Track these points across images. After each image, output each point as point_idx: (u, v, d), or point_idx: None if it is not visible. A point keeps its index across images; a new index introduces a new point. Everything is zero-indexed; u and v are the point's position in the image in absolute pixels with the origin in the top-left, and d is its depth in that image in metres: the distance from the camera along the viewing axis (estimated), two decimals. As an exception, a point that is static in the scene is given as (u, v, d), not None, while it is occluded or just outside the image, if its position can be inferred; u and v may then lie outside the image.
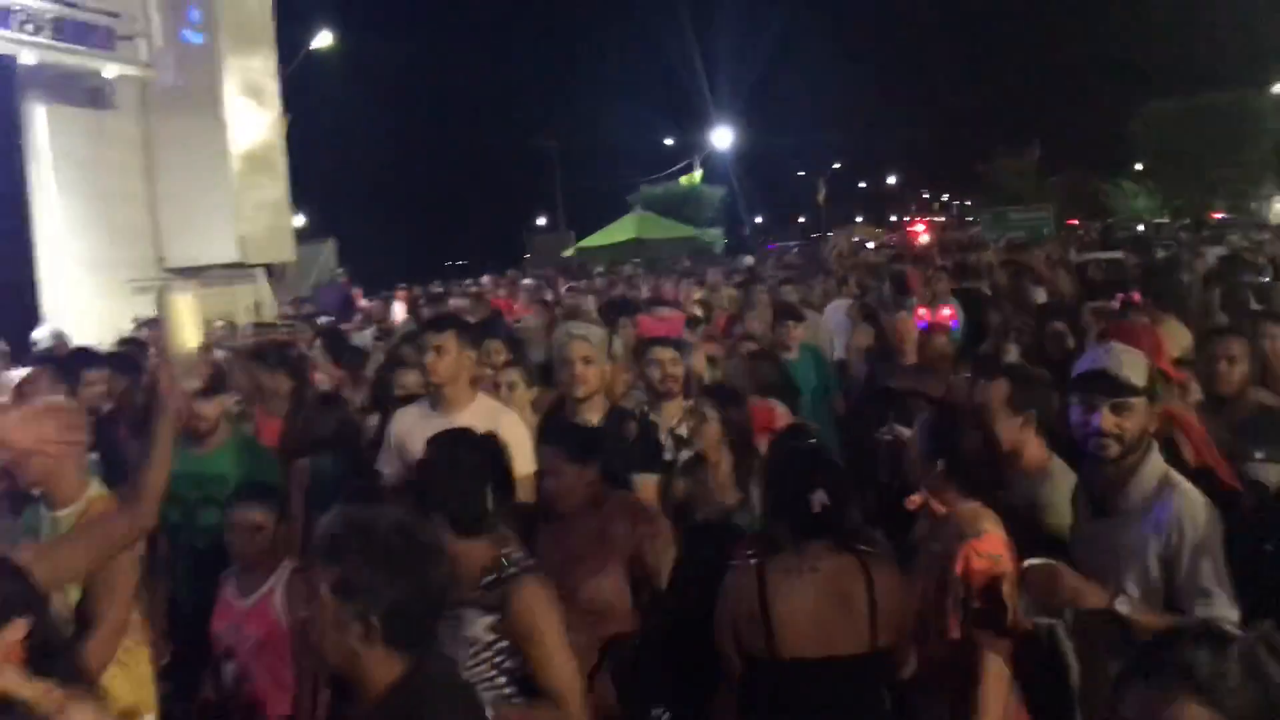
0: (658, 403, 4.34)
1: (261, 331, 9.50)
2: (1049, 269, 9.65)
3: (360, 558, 1.83)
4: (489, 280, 17.61)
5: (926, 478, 2.85)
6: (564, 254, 26.18)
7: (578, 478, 3.22)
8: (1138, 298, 6.00)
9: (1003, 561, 2.61)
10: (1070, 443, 2.91)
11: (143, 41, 11.99)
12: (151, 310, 9.28)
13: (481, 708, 2.02)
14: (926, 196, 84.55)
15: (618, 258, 23.32)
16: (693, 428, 3.90)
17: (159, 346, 3.20)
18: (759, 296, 8.63)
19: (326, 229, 25.70)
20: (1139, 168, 41.49)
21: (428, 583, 1.89)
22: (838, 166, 63.92)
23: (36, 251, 11.87)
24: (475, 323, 7.38)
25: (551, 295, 12.60)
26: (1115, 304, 6.05)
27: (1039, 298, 7.98)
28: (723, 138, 42.27)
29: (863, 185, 79.42)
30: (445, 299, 12.63)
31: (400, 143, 58.26)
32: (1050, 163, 46.78)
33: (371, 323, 10.25)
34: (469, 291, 13.86)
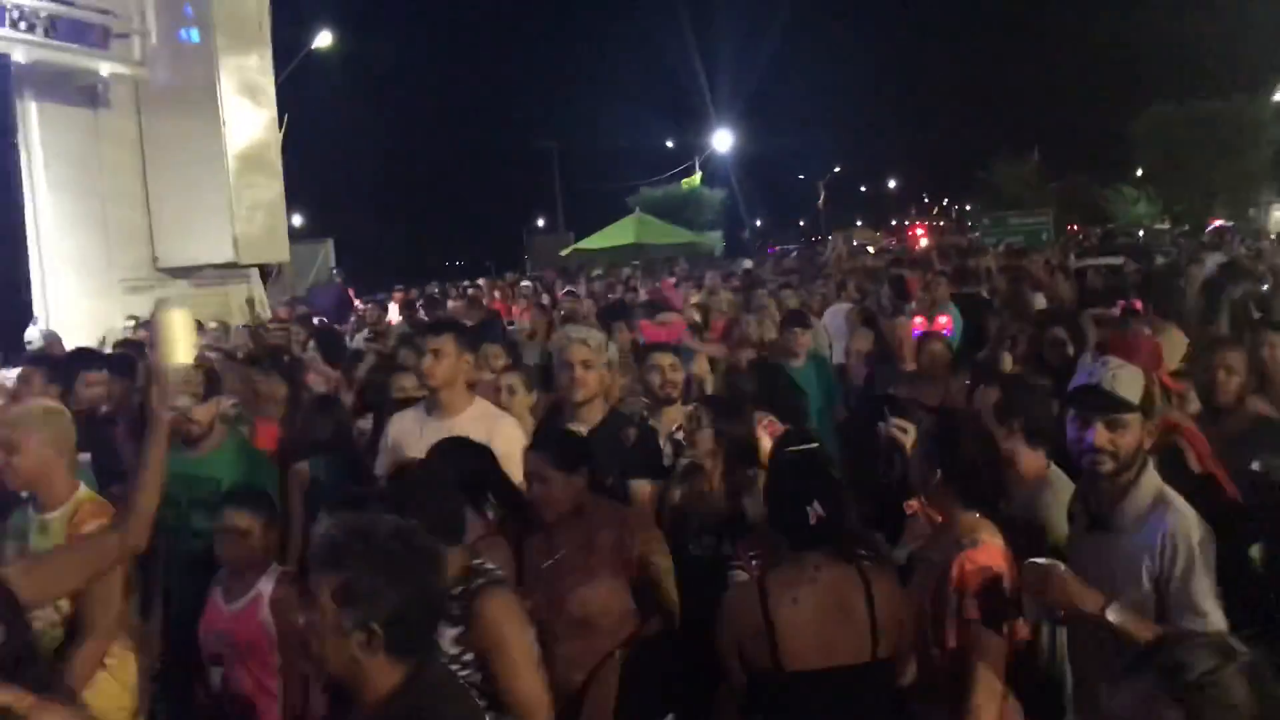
0: (658, 408, 4.35)
1: (255, 335, 9.45)
2: (1048, 275, 9.63)
3: (362, 564, 1.83)
4: (485, 283, 17.56)
5: (925, 486, 2.86)
6: (561, 254, 26.14)
7: (565, 485, 3.17)
8: (1139, 305, 5.97)
9: (1000, 571, 2.61)
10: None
11: (138, 40, 11.93)
12: (144, 310, 9.26)
13: (480, 715, 2.00)
14: (926, 201, 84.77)
15: (616, 260, 23.29)
16: (688, 435, 3.87)
17: (152, 361, 3.20)
18: (761, 300, 8.60)
19: (325, 229, 25.70)
20: (1139, 173, 41.54)
21: (428, 589, 1.90)
22: (838, 170, 63.98)
23: (29, 250, 11.80)
24: (473, 326, 7.38)
25: (548, 299, 12.56)
26: (1116, 311, 6.03)
27: (1038, 303, 7.96)
28: (723, 140, 42.29)
29: (863, 189, 79.62)
30: (443, 302, 12.59)
31: (400, 143, 58.34)
32: (1050, 168, 46.89)
33: (365, 325, 10.19)
34: (465, 294, 13.80)
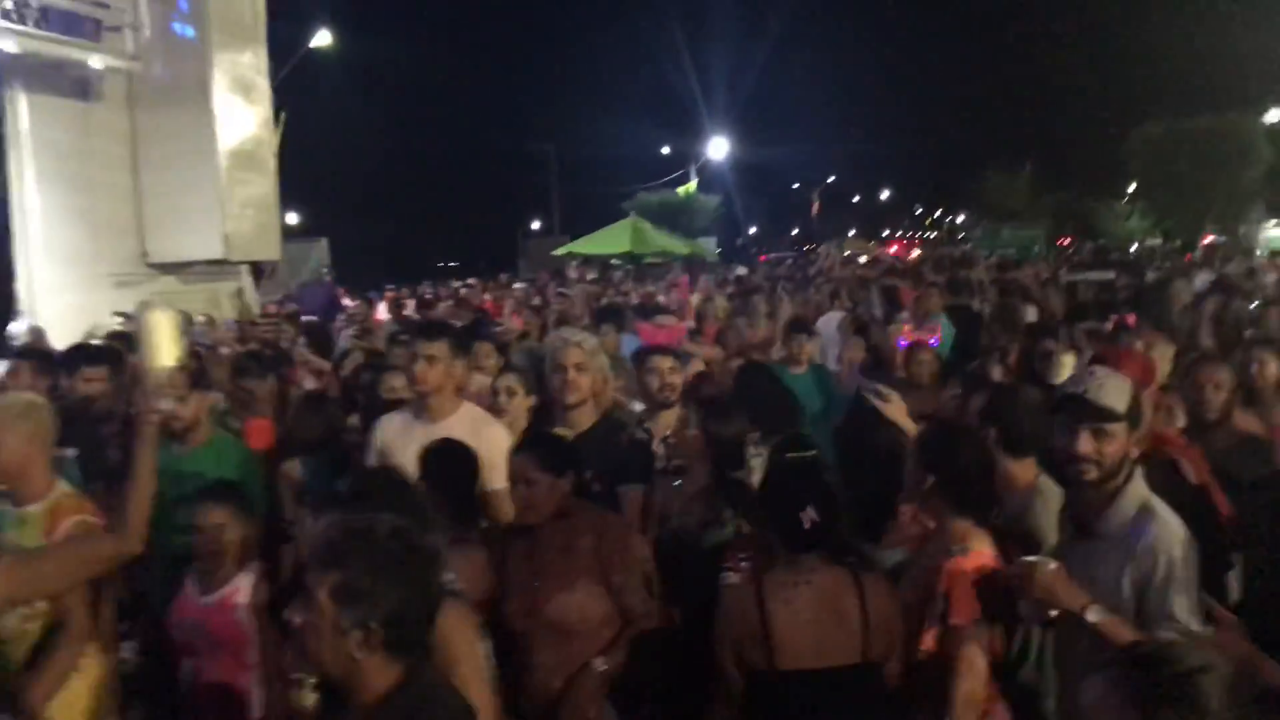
0: (654, 411, 4.34)
1: (243, 328, 9.40)
2: (1039, 287, 9.65)
3: (361, 564, 1.83)
4: (476, 283, 17.51)
5: (917, 492, 2.90)
6: (554, 253, 26.08)
7: (550, 488, 3.14)
8: (1132, 320, 5.98)
9: (989, 578, 2.65)
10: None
11: (130, 33, 11.80)
12: (132, 305, 9.17)
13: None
14: (920, 212, 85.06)
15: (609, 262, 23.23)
16: (677, 435, 3.85)
17: (136, 364, 3.20)
18: (758, 306, 8.59)
19: (320, 228, 25.61)
20: (1131, 189, 41.75)
21: (426, 588, 1.91)
22: (832, 180, 64.17)
23: (14, 243, 11.67)
24: (461, 327, 7.33)
25: (540, 300, 12.53)
26: (1108, 326, 6.04)
27: (1029, 316, 7.96)
28: (718, 148, 42.36)
29: (856, 199, 79.70)
30: (434, 304, 12.54)
31: (396, 143, 58.14)
32: (1043, 182, 47.09)
33: (354, 323, 10.14)
34: (456, 295, 13.75)
